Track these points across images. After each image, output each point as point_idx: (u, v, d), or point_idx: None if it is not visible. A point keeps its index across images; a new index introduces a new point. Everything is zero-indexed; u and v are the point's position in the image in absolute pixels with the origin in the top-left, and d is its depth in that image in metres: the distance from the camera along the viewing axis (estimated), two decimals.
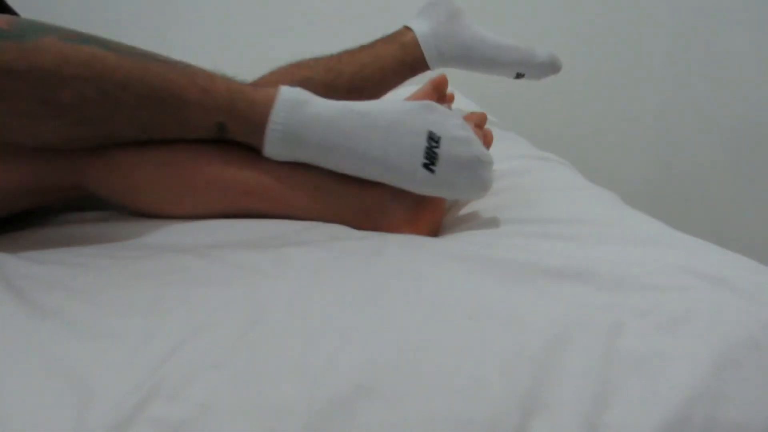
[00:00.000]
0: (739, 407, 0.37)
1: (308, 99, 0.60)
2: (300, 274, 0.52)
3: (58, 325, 0.45)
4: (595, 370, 0.39)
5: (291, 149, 0.60)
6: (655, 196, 1.79)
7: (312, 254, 0.55)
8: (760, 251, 1.49)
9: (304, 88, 0.61)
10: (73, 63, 0.53)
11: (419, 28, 0.97)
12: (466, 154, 0.58)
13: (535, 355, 0.41)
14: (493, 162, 0.61)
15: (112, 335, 0.44)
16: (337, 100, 0.61)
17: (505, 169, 0.81)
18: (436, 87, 0.78)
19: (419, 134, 0.57)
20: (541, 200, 0.67)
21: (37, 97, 0.53)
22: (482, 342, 0.42)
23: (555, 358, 0.40)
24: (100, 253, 0.58)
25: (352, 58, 0.94)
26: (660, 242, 0.55)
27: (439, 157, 0.57)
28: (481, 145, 0.59)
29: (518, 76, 1.02)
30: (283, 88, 0.60)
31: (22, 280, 0.52)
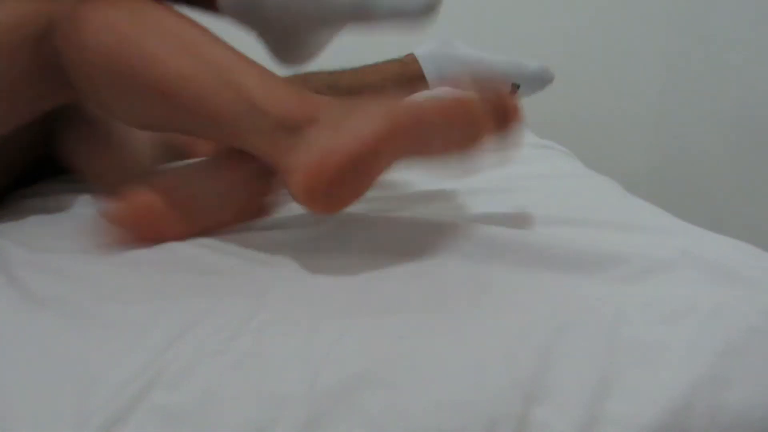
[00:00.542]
0: (742, 394, 0.37)
1: None
2: (301, 262, 0.52)
3: (58, 314, 0.45)
4: (598, 359, 0.39)
5: None
6: (656, 184, 1.79)
7: (312, 242, 0.55)
8: (762, 238, 1.49)
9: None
10: None
11: (418, 51, 1.07)
12: None
13: (538, 342, 0.40)
14: None
15: (113, 323, 0.44)
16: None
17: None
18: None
19: None
20: (543, 189, 0.67)
21: None
22: (484, 329, 0.42)
23: (557, 346, 0.40)
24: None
25: (354, 70, 1.04)
26: (661, 231, 0.55)
27: None
28: None
29: (514, 90, 1.06)
30: None
31: (23, 268, 0.51)
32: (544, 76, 1.07)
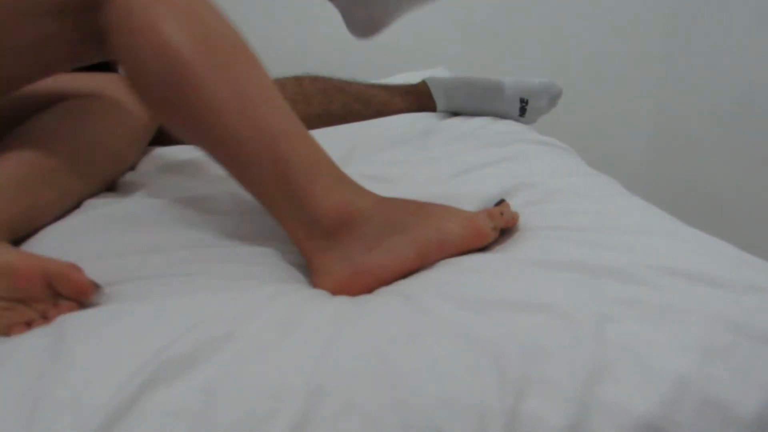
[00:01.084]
0: (728, 391, 0.38)
1: None
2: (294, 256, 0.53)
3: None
4: (586, 353, 0.40)
5: None
6: (653, 180, 1.79)
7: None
8: (759, 235, 1.48)
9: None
10: None
11: (427, 77, 1.11)
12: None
13: (525, 338, 0.41)
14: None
15: (114, 319, 0.45)
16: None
17: (508, 154, 0.82)
18: None
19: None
20: (541, 186, 0.68)
21: None
22: (473, 330, 0.43)
23: (545, 343, 0.41)
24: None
25: (366, 83, 1.08)
26: (652, 233, 0.55)
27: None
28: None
29: (522, 109, 1.09)
30: None
31: None
32: (551, 89, 1.11)
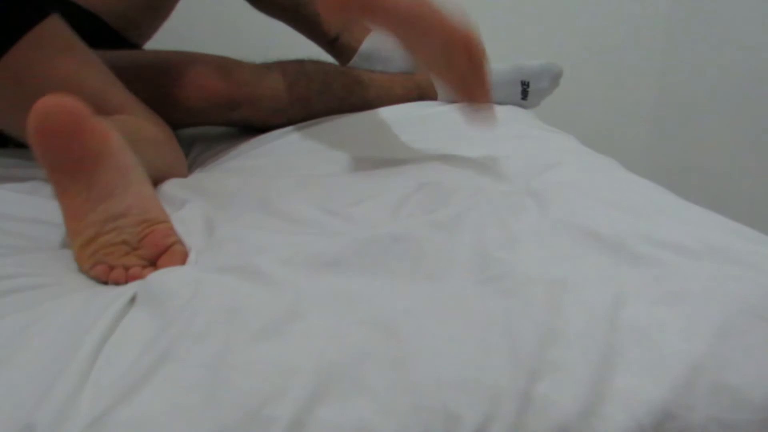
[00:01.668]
0: (742, 374, 0.38)
1: None
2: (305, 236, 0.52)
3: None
4: (600, 337, 0.40)
5: None
6: (656, 165, 1.80)
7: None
8: (762, 220, 1.49)
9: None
10: None
11: None
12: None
13: (540, 320, 0.41)
14: None
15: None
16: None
17: (510, 135, 0.82)
18: None
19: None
20: (545, 167, 0.67)
21: None
22: (487, 308, 0.42)
23: (560, 325, 0.41)
24: None
25: (365, 71, 1.08)
26: (661, 211, 0.54)
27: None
28: None
29: (524, 91, 1.10)
30: None
31: None
32: (551, 69, 1.11)
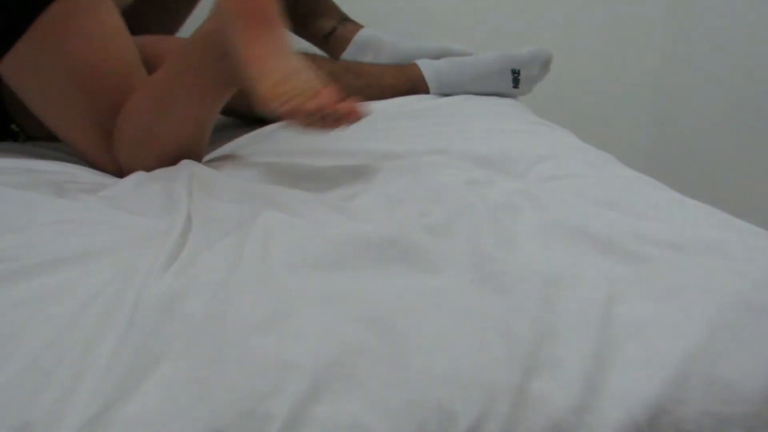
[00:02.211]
0: (736, 367, 0.38)
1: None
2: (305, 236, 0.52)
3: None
4: (593, 333, 0.40)
5: None
6: (654, 160, 1.80)
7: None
8: (760, 215, 1.49)
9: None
10: None
11: (418, 60, 1.11)
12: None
13: (535, 316, 0.41)
14: None
15: None
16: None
17: (506, 130, 0.83)
18: None
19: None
20: (541, 163, 0.67)
21: None
22: (482, 305, 0.43)
23: (554, 321, 0.41)
24: None
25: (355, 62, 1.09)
26: (656, 208, 0.55)
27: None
28: None
29: (515, 79, 1.09)
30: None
31: None
32: (540, 55, 1.10)
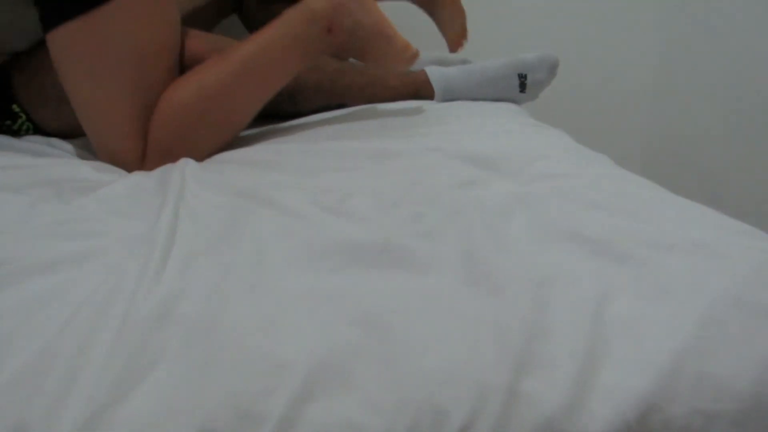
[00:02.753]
0: (725, 364, 0.38)
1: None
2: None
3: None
4: (584, 332, 0.40)
5: None
6: (652, 161, 1.80)
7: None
8: (758, 215, 1.49)
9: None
10: None
11: (427, 67, 1.12)
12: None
13: (525, 315, 0.41)
14: None
15: None
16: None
17: (501, 131, 0.83)
18: None
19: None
20: (535, 164, 0.67)
21: None
22: (474, 305, 0.43)
23: (544, 320, 0.41)
24: None
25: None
26: (648, 209, 0.55)
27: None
28: None
29: (522, 84, 1.11)
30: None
31: None
32: (547, 59, 1.12)
